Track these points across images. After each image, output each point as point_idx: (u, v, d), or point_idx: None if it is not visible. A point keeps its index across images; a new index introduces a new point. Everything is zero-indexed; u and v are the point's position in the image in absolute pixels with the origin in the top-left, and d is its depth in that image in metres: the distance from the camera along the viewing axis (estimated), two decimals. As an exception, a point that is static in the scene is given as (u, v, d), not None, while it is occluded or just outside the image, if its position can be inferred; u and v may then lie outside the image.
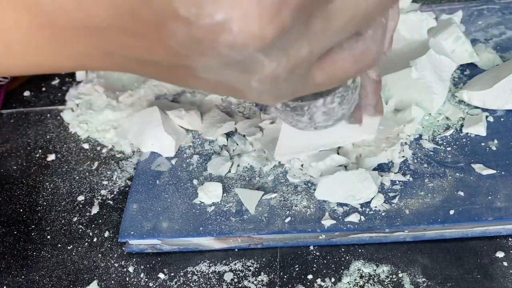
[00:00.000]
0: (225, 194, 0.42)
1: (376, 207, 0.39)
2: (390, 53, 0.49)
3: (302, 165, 0.43)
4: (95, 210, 0.44)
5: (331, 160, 0.41)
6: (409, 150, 0.43)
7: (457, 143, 0.43)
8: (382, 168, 0.42)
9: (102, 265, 0.40)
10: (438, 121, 0.45)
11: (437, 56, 0.45)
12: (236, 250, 0.40)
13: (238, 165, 0.44)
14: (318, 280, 0.37)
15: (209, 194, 0.42)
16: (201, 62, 0.21)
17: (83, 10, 0.20)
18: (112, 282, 0.39)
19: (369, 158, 0.42)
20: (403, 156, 0.42)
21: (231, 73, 0.22)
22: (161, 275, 0.39)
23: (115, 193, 0.46)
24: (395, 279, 0.36)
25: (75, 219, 0.44)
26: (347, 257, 0.38)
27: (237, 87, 0.23)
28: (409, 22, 0.49)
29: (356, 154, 0.43)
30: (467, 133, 0.44)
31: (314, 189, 0.41)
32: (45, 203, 0.46)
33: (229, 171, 0.44)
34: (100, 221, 0.44)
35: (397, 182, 0.41)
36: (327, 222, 0.39)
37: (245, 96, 0.25)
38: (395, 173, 0.41)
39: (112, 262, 0.40)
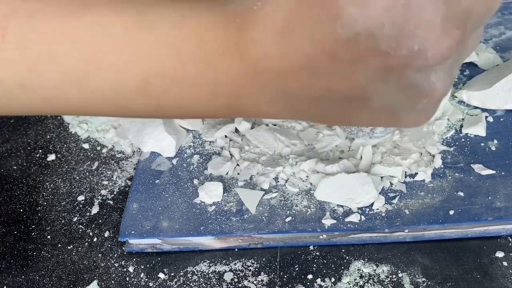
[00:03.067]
0: (225, 194, 0.42)
1: (377, 208, 0.39)
2: None
3: (306, 176, 0.42)
4: (95, 210, 0.44)
5: (343, 165, 0.41)
6: (440, 160, 0.41)
7: (457, 143, 0.43)
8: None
9: (102, 265, 0.40)
10: (438, 121, 0.45)
11: None
12: (236, 250, 0.40)
13: (238, 165, 0.44)
14: (318, 280, 0.37)
15: (210, 194, 0.42)
16: (380, 90, 0.23)
17: (285, 57, 0.23)
18: (112, 282, 0.39)
19: (381, 166, 0.41)
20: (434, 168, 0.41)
21: (402, 99, 0.24)
22: (161, 275, 0.39)
23: (115, 193, 0.46)
24: (395, 279, 0.36)
25: (75, 219, 0.44)
26: (347, 257, 0.38)
27: (399, 114, 0.25)
28: None
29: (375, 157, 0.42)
30: (467, 133, 0.44)
31: (315, 189, 0.41)
32: (45, 203, 0.46)
33: (230, 171, 0.44)
34: (100, 221, 0.44)
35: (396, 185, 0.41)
36: (328, 222, 0.39)
37: (403, 120, 0.26)
38: (401, 182, 0.41)
39: (112, 262, 0.40)
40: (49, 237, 0.43)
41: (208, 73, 0.25)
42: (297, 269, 0.38)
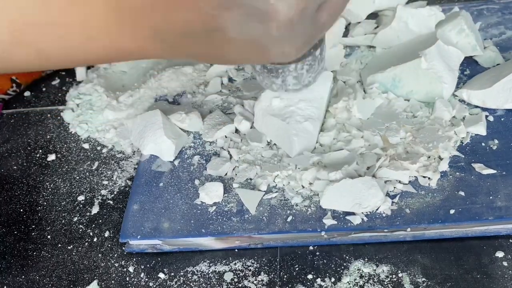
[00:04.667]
0: (226, 194, 0.42)
1: (379, 208, 0.39)
2: (400, 46, 0.50)
3: (310, 183, 0.41)
4: (95, 210, 0.44)
5: (345, 171, 0.40)
6: (446, 164, 0.41)
7: (458, 143, 0.43)
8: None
9: (102, 265, 0.40)
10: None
11: (446, 47, 0.45)
12: (236, 250, 0.40)
13: (238, 166, 0.44)
14: (318, 280, 0.37)
15: (210, 194, 0.42)
16: (229, 18, 0.26)
17: None
18: (112, 282, 0.39)
19: (388, 170, 0.40)
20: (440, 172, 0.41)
21: (254, 26, 0.26)
22: (161, 275, 0.39)
23: (115, 193, 0.46)
24: (395, 279, 0.36)
25: (75, 219, 0.44)
26: (347, 257, 0.38)
27: (261, 42, 0.27)
28: (418, 16, 0.49)
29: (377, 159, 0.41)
30: (467, 132, 0.43)
31: (316, 194, 0.41)
32: (45, 203, 0.46)
33: (228, 172, 0.44)
34: (100, 221, 0.44)
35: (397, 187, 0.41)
36: (328, 222, 0.39)
37: (270, 51, 0.28)
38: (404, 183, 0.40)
39: (112, 262, 0.40)
40: (49, 237, 0.43)
41: (76, 15, 0.26)
42: (297, 269, 0.38)
